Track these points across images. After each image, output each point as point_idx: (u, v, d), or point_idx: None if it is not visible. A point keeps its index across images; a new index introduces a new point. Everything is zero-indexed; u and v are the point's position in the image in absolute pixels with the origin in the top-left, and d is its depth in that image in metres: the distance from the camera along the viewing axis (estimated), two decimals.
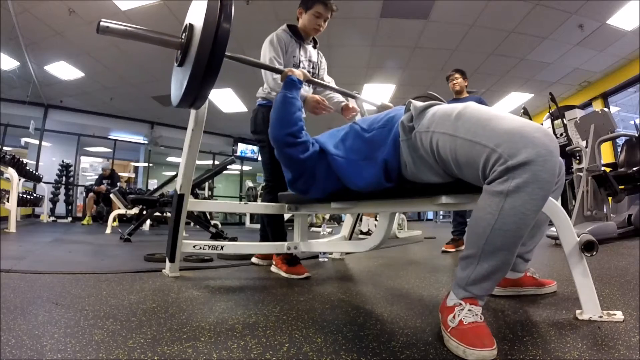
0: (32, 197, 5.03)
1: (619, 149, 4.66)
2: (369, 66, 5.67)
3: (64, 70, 5.89)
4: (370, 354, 0.73)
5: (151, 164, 9.86)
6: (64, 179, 7.39)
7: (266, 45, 1.76)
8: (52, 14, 4.29)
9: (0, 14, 4.11)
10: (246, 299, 1.23)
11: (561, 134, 3.88)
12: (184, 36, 1.16)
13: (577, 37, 4.74)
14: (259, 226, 2.21)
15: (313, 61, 1.92)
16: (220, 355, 0.72)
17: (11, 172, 3.74)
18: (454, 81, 2.82)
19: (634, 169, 2.96)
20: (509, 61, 5.45)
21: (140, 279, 1.49)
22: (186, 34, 1.15)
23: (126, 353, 0.71)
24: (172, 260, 1.56)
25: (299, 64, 1.82)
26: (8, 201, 3.67)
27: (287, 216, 2.10)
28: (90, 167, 10.36)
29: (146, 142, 9.05)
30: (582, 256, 0.91)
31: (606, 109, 3.82)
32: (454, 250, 2.56)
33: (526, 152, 0.70)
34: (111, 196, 4.77)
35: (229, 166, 4.34)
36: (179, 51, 1.18)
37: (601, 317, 0.88)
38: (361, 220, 4.37)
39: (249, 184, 8.65)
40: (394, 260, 2.25)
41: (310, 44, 1.91)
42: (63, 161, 7.51)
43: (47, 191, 6.67)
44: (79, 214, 7.81)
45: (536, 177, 0.70)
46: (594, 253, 0.90)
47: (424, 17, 4.42)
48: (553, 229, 1.00)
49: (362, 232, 4.36)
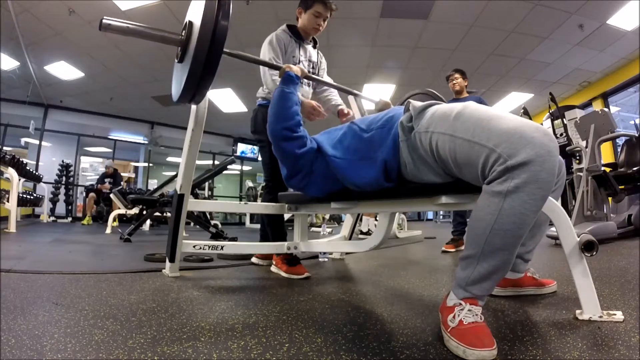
0: (32, 197, 5.02)
1: (619, 149, 4.66)
2: (369, 66, 5.67)
3: (64, 70, 5.90)
4: (370, 354, 0.73)
5: (151, 164, 9.86)
6: (64, 179, 7.38)
7: (265, 46, 1.77)
8: (52, 14, 4.29)
9: (0, 14, 4.12)
10: (246, 299, 1.23)
11: (561, 134, 3.89)
12: (183, 33, 1.18)
13: (577, 37, 4.74)
14: (259, 226, 2.21)
15: (313, 61, 1.92)
16: (220, 355, 0.72)
17: (11, 172, 3.74)
18: (454, 81, 2.82)
19: (634, 169, 2.96)
20: (509, 61, 5.45)
21: (140, 279, 1.49)
22: (186, 31, 1.18)
23: (126, 353, 0.71)
24: (172, 260, 1.56)
25: (299, 63, 1.82)
26: (8, 201, 3.67)
27: (287, 216, 2.10)
28: (90, 167, 10.37)
29: (146, 142, 9.05)
30: (582, 256, 0.91)
31: (606, 109, 3.82)
32: (454, 250, 2.56)
33: (525, 152, 0.70)
34: (111, 196, 4.77)
35: (229, 166, 4.34)
36: (179, 48, 1.21)
37: (601, 317, 0.88)
38: (361, 220, 4.37)
39: (249, 184, 8.65)
40: (394, 260, 2.25)
41: (310, 43, 1.91)
42: (63, 161, 7.51)
43: (47, 191, 6.67)
44: (79, 214, 7.81)
45: (535, 177, 0.70)
46: (594, 253, 0.90)
47: (424, 17, 4.42)
48: (553, 229, 1.00)
49: (362, 232, 4.36)
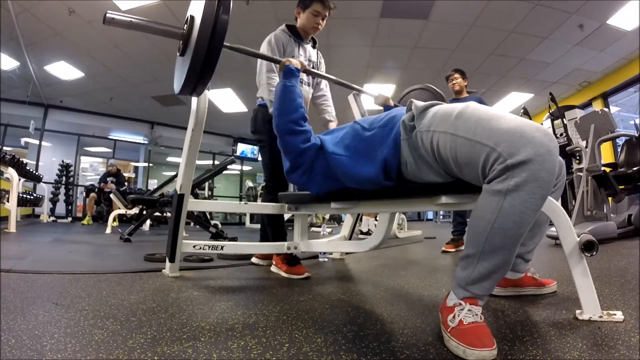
0: (32, 197, 5.02)
1: (619, 149, 4.66)
2: (369, 66, 5.67)
3: (64, 70, 5.90)
4: (370, 354, 0.73)
5: (151, 164, 9.86)
6: (64, 179, 7.38)
7: (264, 46, 1.78)
8: (52, 14, 4.29)
9: (0, 14, 4.12)
10: (246, 299, 1.23)
11: (561, 134, 3.89)
12: (185, 27, 1.21)
13: (577, 37, 4.74)
14: (259, 226, 2.21)
15: (313, 61, 1.92)
16: (220, 355, 0.72)
17: (11, 172, 3.74)
18: (454, 81, 2.82)
19: (634, 169, 2.96)
20: (509, 61, 5.44)
21: (140, 279, 1.49)
22: (187, 25, 1.20)
23: (126, 353, 0.71)
24: (172, 260, 1.56)
25: None
26: (8, 201, 3.66)
27: (287, 216, 2.10)
28: (90, 167, 10.36)
29: (146, 142, 9.05)
30: (582, 256, 0.91)
31: (606, 109, 3.81)
32: (454, 250, 2.56)
33: (525, 151, 0.70)
34: (111, 196, 4.77)
35: (229, 166, 4.34)
36: (180, 42, 1.23)
37: (601, 317, 0.88)
38: (361, 220, 4.37)
39: (249, 184, 8.65)
40: (394, 260, 2.25)
41: (309, 43, 1.91)
42: (63, 161, 7.51)
43: (47, 191, 6.66)
44: (79, 214, 7.81)
45: (535, 176, 0.70)
46: (594, 253, 0.90)
47: (424, 17, 4.42)
48: (553, 229, 1.00)
49: (362, 232, 4.36)
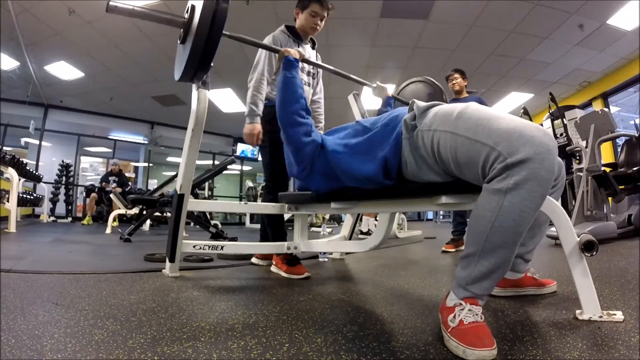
0: (32, 197, 5.02)
1: (619, 149, 4.66)
2: (369, 66, 5.67)
3: (64, 70, 5.90)
4: (370, 354, 0.73)
5: (151, 164, 9.86)
6: (64, 179, 7.38)
7: (261, 54, 1.79)
8: (52, 14, 4.29)
9: (0, 14, 4.12)
10: (246, 299, 1.23)
11: (561, 134, 3.88)
12: (186, 16, 1.23)
13: (577, 37, 4.74)
14: (259, 226, 2.21)
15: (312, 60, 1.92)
16: (220, 355, 0.72)
17: (11, 172, 3.74)
18: (454, 81, 2.82)
19: (634, 169, 2.96)
20: (509, 61, 5.45)
21: (140, 279, 1.49)
22: (188, 14, 1.22)
23: (126, 353, 0.71)
24: (172, 260, 1.56)
25: None
26: (8, 201, 3.66)
27: (287, 216, 2.10)
28: (90, 167, 10.36)
29: (146, 142, 9.05)
30: (582, 256, 0.91)
31: (606, 109, 3.81)
32: (454, 250, 2.56)
33: (525, 150, 0.71)
34: (111, 196, 4.77)
35: (229, 166, 4.34)
36: (181, 30, 1.25)
37: (601, 317, 0.88)
38: (361, 220, 4.37)
39: (249, 184, 8.65)
40: (394, 260, 2.25)
41: (308, 44, 1.91)
42: (63, 161, 7.51)
43: (47, 191, 6.66)
44: (79, 214, 7.81)
45: (534, 175, 0.71)
46: (594, 253, 0.90)
47: (424, 17, 4.42)
48: (553, 229, 1.00)
49: (362, 232, 4.36)
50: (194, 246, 1.59)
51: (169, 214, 3.05)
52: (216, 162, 9.40)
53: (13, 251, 2.27)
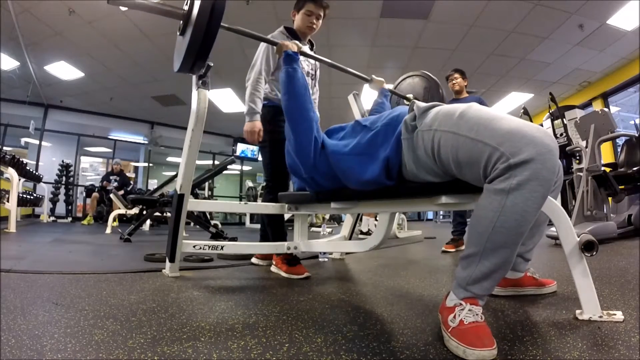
0: (32, 197, 5.02)
1: (619, 149, 4.66)
2: (369, 66, 5.66)
3: (64, 70, 5.89)
4: (370, 354, 0.73)
5: (151, 164, 9.85)
6: (64, 179, 7.38)
7: (261, 47, 1.81)
8: (52, 14, 4.29)
9: (0, 14, 4.12)
10: (246, 299, 1.23)
11: (561, 134, 3.88)
12: (185, 7, 1.26)
13: (577, 37, 4.74)
14: (259, 226, 2.21)
15: (311, 62, 1.93)
16: (220, 355, 0.72)
17: (11, 172, 3.74)
18: (454, 81, 2.82)
19: (634, 169, 2.96)
20: (509, 61, 5.44)
21: (140, 279, 1.49)
22: (188, 5, 1.25)
23: (126, 353, 0.71)
24: (172, 260, 1.56)
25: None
26: (8, 201, 3.66)
27: (287, 216, 2.10)
28: (90, 167, 10.37)
29: (146, 142, 9.04)
30: (582, 256, 0.91)
31: (606, 109, 3.81)
32: (454, 250, 2.56)
33: (527, 151, 0.71)
34: (111, 196, 4.77)
35: (229, 166, 4.34)
36: (181, 22, 1.28)
37: (601, 317, 0.88)
38: (361, 220, 4.36)
39: (249, 184, 8.65)
40: (394, 260, 2.25)
41: (306, 45, 1.92)
42: (63, 161, 7.51)
43: (47, 191, 6.66)
44: (79, 214, 7.81)
45: (537, 175, 0.71)
46: (594, 253, 0.90)
47: (424, 17, 4.42)
48: (553, 229, 1.00)
49: (362, 232, 4.36)
50: (194, 246, 1.59)
51: (169, 214, 3.05)
52: (216, 162, 9.40)
53: (13, 251, 2.27)
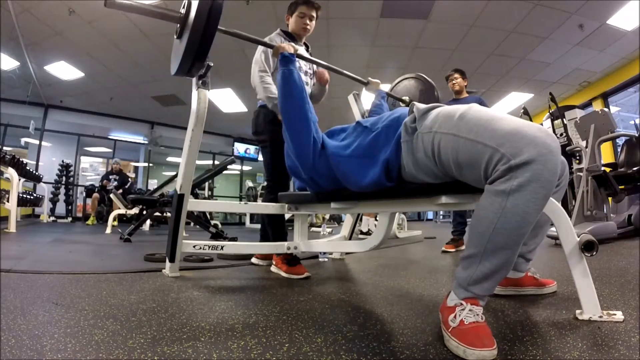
0: (32, 197, 5.02)
1: (619, 149, 4.66)
2: (369, 66, 5.66)
3: (64, 70, 5.89)
4: (370, 354, 0.73)
5: (151, 164, 9.85)
6: (64, 179, 7.38)
7: (259, 49, 1.81)
8: (52, 14, 4.29)
9: (0, 14, 4.11)
10: (246, 299, 1.23)
11: (561, 134, 3.88)
12: (183, 11, 1.26)
13: (577, 37, 4.74)
14: (259, 226, 2.21)
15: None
16: (220, 355, 0.72)
17: (11, 172, 3.74)
18: (454, 81, 2.82)
19: (634, 169, 2.96)
20: (509, 61, 5.44)
21: (140, 279, 1.49)
22: (185, 9, 1.25)
23: (126, 353, 0.71)
24: (172, 260, 1.56)
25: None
26: (8, 201, 3.66)
27: (287, 216, 2.10)
28: (90, 167, 10.36)
29: (146, 142, 9.04)
30: (582, 256, 0.91)
31: (606, 109, 3.81)
32: (454, 250, 2.56)
33: (528, 152, 0.71)
34: (111, 196, 4.77)
35: (229, 166, 4.34)
36: (178, 25, 1.27)
37: (601, 317, 0.88)
38: (361, 220, 4.36)
39: (249, 184, 8.65)
40: (394, 260, 2.25)
41: (302, 46, 1.93)
42: (63, 161, 7.51)
43: (47, 191, 6.66)
44: (79, 214, 7.81)
45: (538, 176, 0.70)
46: (594, 253, 0.90)
47: (424, 17, 4.42)
48: (553, 229, 1.00)
49: (362, 232, 4.36)
50: (194, 246, 1.59)
51: (169, 214, 3.05)
52: (216, 162, 9.40)
53: (13, 251, 2.27)
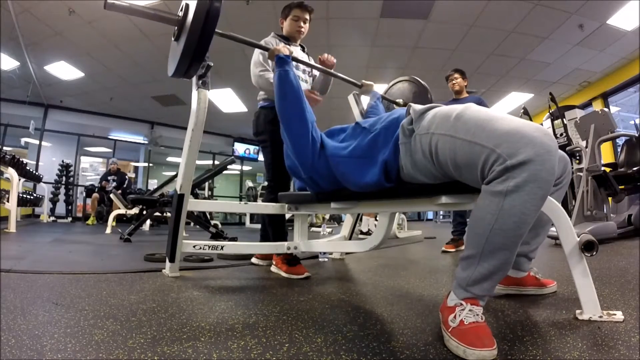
0: (32, 197, 5.02)
1: (619, 149, 4.66)
2: (369, 66, 5.66)
3: (64, 70, 5.89)
4: (370, 354, 0.73)
5: (151, 164, 9.85)
6: (64, 179, 7.38)
7: (256, 51, 1.81)
8: (52, 14, 4.29)
9: (0, 14, 4.11)
10: (246, 299, 1.23)
11: (561, 134, 3.88)
12: (180, 14, 1.26)
13: (577, 37, 4.74)
14: (259, 226, 2.21)
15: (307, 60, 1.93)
16: (220, 355, 0.72)
17: (11, 172, 3.74)
18: (454, 81, 2.82)
19: (634, 169, 2.96)
20: (509, 61, 5.44)
21: (140, 279, 1.49)
22: (182, 12, 1.25)
23: (126, 353, 0.71)
24: (172, 260, 1.56)
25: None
26: (8, 201, 3.66)
27: (287, 216, 2.11)
28: (90, 167, 10.36)
29: (146, 142, 9.04)
30: (582, 256, 0.91)
31: (606, 109, 3.81)
32: (454, 250, 2.56)
33: (525, 152, 0.70)
34: (111, 196, 4.77)
35: (229, 166, 4.34)
36: (175, 27, 1.28)
37: (601, 317, 0.88)
38: (361, 220, 4.36)
39: (249, 184, 8.65)
40: (394, 260, 2.25)
41: (297, 47, 1.93)
42: (63, 161, 7.51)
43: (47, 191, 6.66)
44: (79, 214, 7.81)
45: (535, 177, 0.70)
46: (594, 253, 0.90)
47: (424, 17, 4.41)
48: (553, 229, 1.00)
49: (362, 232, 4.36)
50: (194, 246, 1.59)
51: (169, 214, 3.05)
52: (216, 162, 9.40)
53: (13, 251, 2.27)
